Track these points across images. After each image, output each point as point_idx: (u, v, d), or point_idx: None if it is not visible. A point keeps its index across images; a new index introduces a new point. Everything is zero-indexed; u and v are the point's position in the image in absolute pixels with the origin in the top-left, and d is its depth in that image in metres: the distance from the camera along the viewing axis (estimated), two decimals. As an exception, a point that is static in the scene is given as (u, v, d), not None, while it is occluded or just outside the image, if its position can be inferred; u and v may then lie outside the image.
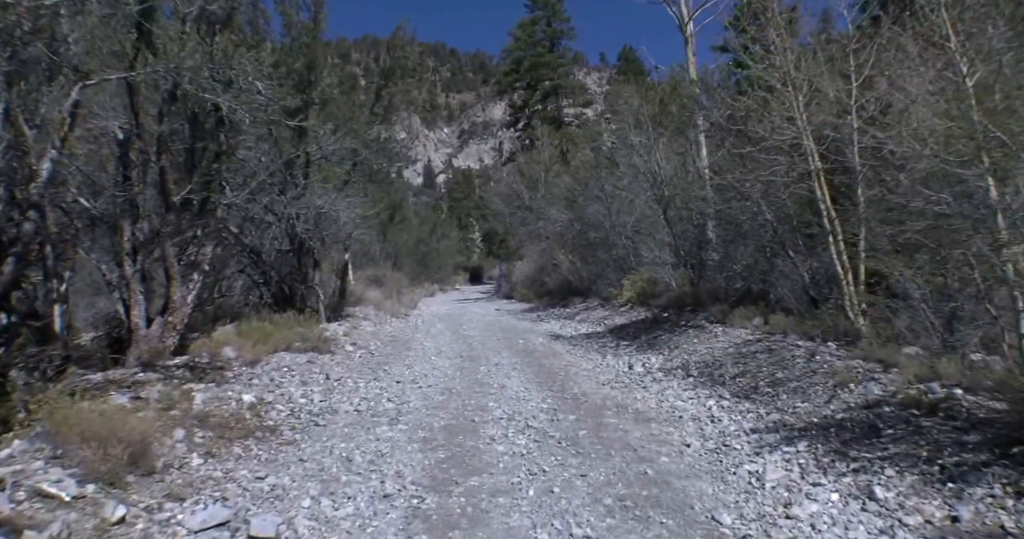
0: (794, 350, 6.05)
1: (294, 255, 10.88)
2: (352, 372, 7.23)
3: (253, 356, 6.98)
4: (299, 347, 7.99)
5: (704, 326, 8.19)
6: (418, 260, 35.43)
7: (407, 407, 5.58)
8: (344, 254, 12.54)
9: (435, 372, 7.23)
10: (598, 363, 7.84)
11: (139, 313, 6.71)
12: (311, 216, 9.87)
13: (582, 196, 15.62)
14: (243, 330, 8.01)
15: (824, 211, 6.84)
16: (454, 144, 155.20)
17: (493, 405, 5.56)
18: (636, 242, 13.34)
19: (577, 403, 5.63)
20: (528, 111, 41.89)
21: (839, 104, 6.85)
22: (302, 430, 4.85)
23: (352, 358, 8.18)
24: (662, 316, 9.81)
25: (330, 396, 5.98)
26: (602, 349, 8.88)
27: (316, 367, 7.24)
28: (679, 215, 11.72)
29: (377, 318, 13.58)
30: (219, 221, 7.33)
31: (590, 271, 17.01)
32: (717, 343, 7.30)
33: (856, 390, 4.78)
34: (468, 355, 8.41)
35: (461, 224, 69.60)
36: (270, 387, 6.07)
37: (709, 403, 5.54)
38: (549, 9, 41.73)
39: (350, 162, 9.97)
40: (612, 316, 11.65)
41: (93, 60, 5.43)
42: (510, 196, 29.77)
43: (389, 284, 23.17)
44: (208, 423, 4.66)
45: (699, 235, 11.19)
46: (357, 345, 9.13)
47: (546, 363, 7.68)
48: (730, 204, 7.84)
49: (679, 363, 7.23)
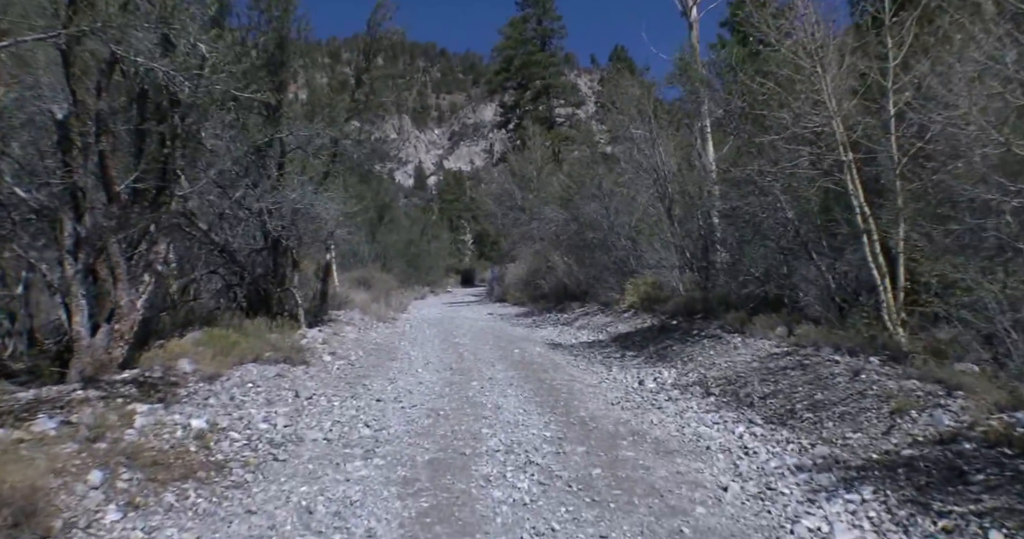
0: (832, 366, 5.27)
1: (269, 254, 10.02)
2: (327, 387, 6.38)
3: (214, 369, 6.13)
4: (270, 357, 7.15)
5: (720, 336, 7.41)
6: (408, 262, 34.61)
7: (386, 434, 4.76)
8: (326, 254, 11.68)
9: (421, 388, 6.40)
10: (604, 377, 7.04)
11: (82, 320, 5.85)
12: (287, 212, 9.02)
13: (578, 195, 14.83)
14: (204, 339, 7.16)
15: (857, 207, 6.09)
16: (445, 146, 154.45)
17: (487, 432, 4.74)
18: (638, 243, 12.57)
19: (586, 429, 4.82)
20: (519, 111, 41.34)
21: (874, 86, 6.11)
22: (256, 467, 4.01)
23: (329, 370, 7.34)
24: (670, 324, 9.03)
25: (297, 419, 5.14)
26: (606, 360, 8.08)
27: (286, 382, 6.40)
28: (685, 214, 10.97)
29: (362, 323, 12.73)
30: (175, 215, 6.47)
31: (587, 274, 16.23)
32: (738, 356, 6.52)
33: (920, 419, 4.00)
34: (459, 367, 7.58)
35: (452, 226, 68.98)
36: (228, 408, 5.22)
37: (738, 429, 4.76)
38: (540, 7, 41.22)
39: (329, 153, 9.13)
40: (614, 323, 10.86)
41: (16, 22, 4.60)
42: (502, 196, 29.03)
43: (377, 286, 22.33)
44: (140, 459, 3.82)
45: (707, 235, 10.45)
46: (336, 355, 8.28)
47: (546, 378, 6.87)
48: (747, 200, 7.07)
49: (695, 378, 6.44)
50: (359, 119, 9.38)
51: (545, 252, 21.72)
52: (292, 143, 8.71)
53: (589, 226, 14.91)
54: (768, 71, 6.39)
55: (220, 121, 8.04)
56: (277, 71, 8.07)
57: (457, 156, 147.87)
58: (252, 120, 8.01)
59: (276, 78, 8.04)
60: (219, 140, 8.05)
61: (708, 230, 10.49)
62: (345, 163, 9.89)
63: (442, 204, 79.46)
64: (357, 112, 9.47)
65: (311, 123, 8.07)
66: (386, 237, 31.75)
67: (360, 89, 9.29)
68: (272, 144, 8.49)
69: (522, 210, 26.22)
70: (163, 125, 6.09)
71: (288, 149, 8.91)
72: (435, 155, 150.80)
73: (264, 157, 8.35)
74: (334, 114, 8.67)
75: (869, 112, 6.18)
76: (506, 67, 41.54)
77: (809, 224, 7.16)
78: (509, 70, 41.30)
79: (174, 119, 6.18)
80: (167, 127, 6.20)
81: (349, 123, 9.17)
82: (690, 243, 10.51)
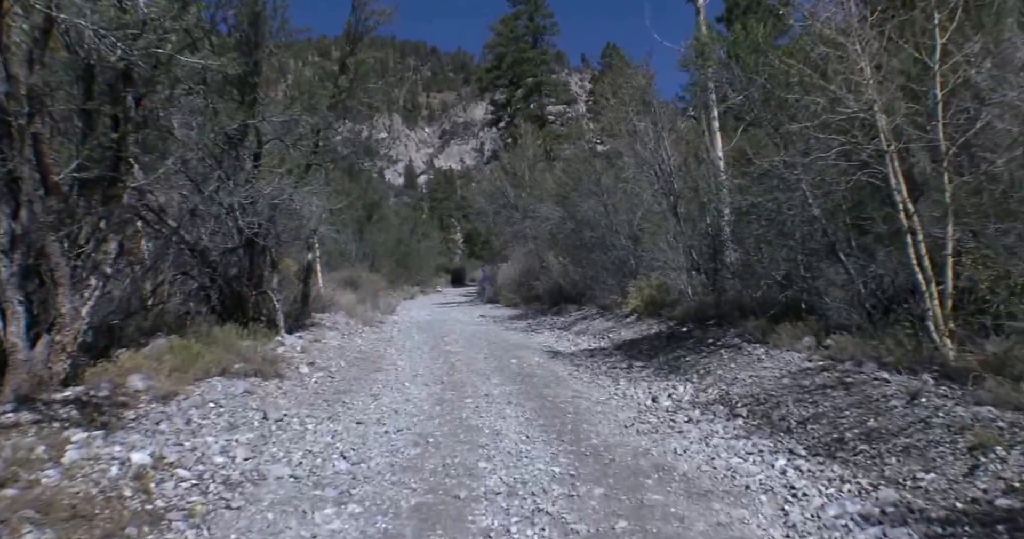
0: (882, 387, 4.58)
1: (245, 254, 9.23)
2: (302, 406, 5.63)
3: (171, 386, 5.36)
4: (239, 370, 6.38)
5: (740, 346, 6.72)
6: (397, 261, 33.85)
7: (366, 469, 4.02)
8: (308, 254, 10.90)
9: (408, 407, 5.66)
10: (612, 392, 6.33)
11: (18, 330, 5.08)
12: (262, 208, 8.25)
13: (575, 191, 14.12)
14: (167, 349, 6.39)
15: (900, 203, 5.41)
16: (435, 144, 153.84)
17: (485, 467, 4.02)
18: (639, 243, 11.88)
19: (601, 462, 4.11)
20: (510, 109, 40.92)
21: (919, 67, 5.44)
22: (204, 519, 3.26)
23: (306, 384, 6.58)
24: (680, 331, 8.34)
25: (262, 449, 4.39)
26: (612, 372, 7.37)
27: (255, 400, 5.64)
28: (692, 211, 10.30)
29: (347, 328, 11.96)
30: (128, 209, 5.69)
31: (584, 275, 15.54)
32: (764, 370, 5.83)
33: (1011, 459, 3.32)
34: (450, 380, 6.85)
35: (442, 224, 68.43)
36: (181, 435, 4.46)
37: (779, 462, 4.06)
38: (531, 4, 40.86)
39: (311, 143, 8.36)
40: (617, 328, 10.15)
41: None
42: (494, 194, 28.34)
43: (365, 287, 21.57)
44: (55, 511, 3.06)
45: (715, 235, 9.78)
46: (315, 365, 7.52)
47: (548, 393, 6.15)
48: (771, 195, 6.39)
49: (716, 395, 5.75)
50: (343, 108, 8.60)
51: (539, 252, 21.03)
52: (269, 133, 7.94)
53: (586, 224, 14.22)
54: (797, 50, 5.70)
55: (187, 106, 7.28)
56: (251, 51, 7.30)
57: (447, 155, 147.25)
58: (223, 106, 7.23)
59: (249, 59, 7.27)
60: (188, 128, 7.29)
61: (717, 229, 9.83)
62: (328, 156, 9.11)
63: (432, 203, 79.07)
64: (341, 101, 8.70)
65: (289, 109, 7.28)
66: (375, 236, 30.98)
67: (344, 75, 8.52)
68: (247, 133, 7.71)
69: (515, 208, 25.51)
70: (114, 106, 5.32)
71: (265, 139, 8.13)
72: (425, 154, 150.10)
73: (237, 148, 7.57)
74: (315, 101, 7.90)
75: (912, 97, 5.52)
76: (497, 65, 41.17)
77: (838, 222, 6.49)
78: (500, 68, 40.94)
79: (126, 99, 5.42)
80: (120, 109, 5.44)
81: (332, 111, 8.40)
82: (696, 242, 9.83)
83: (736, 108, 6.82)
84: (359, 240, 29.45)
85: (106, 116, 5.24)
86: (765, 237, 6.99)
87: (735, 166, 6.89)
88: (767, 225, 6.67)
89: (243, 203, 7.28)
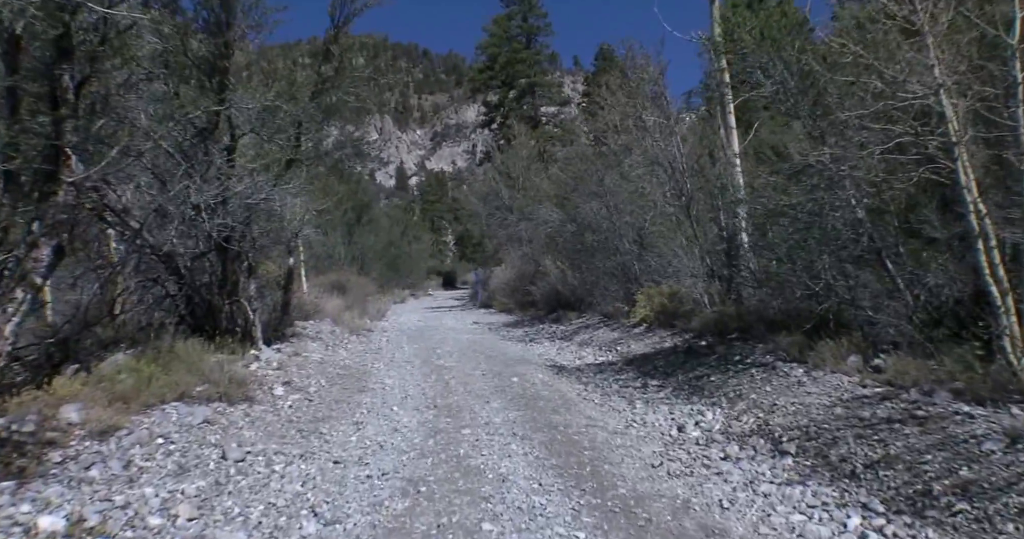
0: (967, 424, 3.81)
1: (218, 259, 8.37)
2: (270, 440, 4.79)
3: (113, 418, 4.51)
4: (202, 394, 5.54)
5: (773, 365, 5.94)
6: (388, 264, 33.01)
7: (341, 532, 3.20)
8: (289, 258, 10.05)
9: (396, 439, 4.83)
10: (629, 419, 5.53)
11: (-72, 352, 4.25)
12: (235, 208, 7.40)
13: (576, 192, 13.34)
14: (119, 369, 5.54)
15: (970, 203, 4.65)
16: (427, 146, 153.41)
17: (491, 529, 3.20)
18: (646, 247, 11.11)
19: (634, 523, 3.30)
20: (504, 110, 40.32)
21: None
22: (115, 622, 2.44)
23: (279, 409, 5.74)
24: (698, 345, 7.56)
25: (213, 504, 3.55)
26: (626, 392, 6.58)
27: (215, 432, 4.80)
28: (705, 214, 9.55)
29: (331, 337, 11.12)
30: (66, 209, 4.84)
31: (583, 281, 14.76)
32: (808, 396, 5.04)
33: None
34: (445, 404, 6.02)
35: (434, 227, 67.84)
36: (114, 485, 3.63)
37: (852, 521, 3.28)
38: (525, 4, 40.36)
39: (291, 137, 7.52)
40: (625, 340, 9.36)
41: None
42: (488, 195, 27.60)
43: (354, 291, 20.72)
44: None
45: (731, 238, 9.03)
46: (292, 385, 6.68)
47: (558, 421, 5.34)
48: (812, 194, 5.62)
49: (753, 425, 4.96)
50: (329, 101, 7.76)
51: (535, 255, 20.25)
52: (244, 125, 7.10)
53: (588, 227, 13.44)
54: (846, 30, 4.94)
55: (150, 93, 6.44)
56: (219, 31, 6.47)
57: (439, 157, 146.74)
58: (188, 93, 6.40)
59: (218, 39, 6.44)
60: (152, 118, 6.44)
61: (733, 232, 9.09)
62: (311, 152, 8.28)
63: (424, 205, 78.60)
64: (325, 91, 7.87)
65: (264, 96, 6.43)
66: (364, 238, 30.14)
67: (328, 62, 7.69)
68: (218, 124, 6.87)
69: (509, 210, 24.77)
70: (44, 85, 4.49)
71: (239, 132, 7.29)
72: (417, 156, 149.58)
73: (207, 141, 6.72)
74: (295, 90, 7.08)
75: (982, 80, 4.78)
76: (490, 65, 40.61)
77: (887, 226, 5.74)
78: (493, 68, 40.40)
79: (62, 78, 4.58)
80: (56, 89, 4.61)
81: (315, 102, 7.57)
82: (709, 246, 9.08)
83: (766, 98, 6.04)
84: (348, 242, 28.61)
85: (34, 96, 4.40)
86: (800, 241, 6.22)
87: (762, 163, 6.12)
88: (805, 228, 5.90)
89: (211, 203, 6.42)
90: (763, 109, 9.20)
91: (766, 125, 7.79)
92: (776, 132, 8.49)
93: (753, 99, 10.15)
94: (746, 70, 6.02)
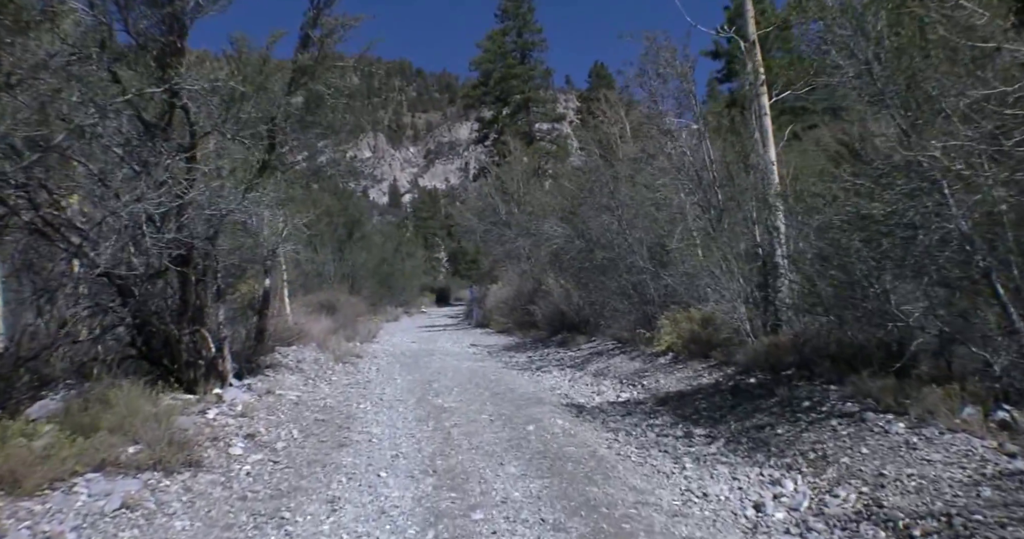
0: None
1: (179, 281, 7.12)
2: (209, 534, 3.52)
3: (-11, 508, 3.24)
4: (132, 459, 4.27)
5: (861, 416, 4.72)
6: (380, 281, 31.77)
7: None
8: (266, 280, 8.81)
9: (383, 531, 3.57)
10: (684, 488, 4.30)
11: None
12: (197, 220, 6.18)
13: (586, 204, 12.20)
14: (28, 428, 4.27)
15: None
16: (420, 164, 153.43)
17: None
18: (667, 264, 9.95)
19: None
20: (498, 125, 39.69)
21: None
22: None
23: (233, 479, 4.45)
24: (747, 383, 6.35)
25: None
26: (666, 442, 5.35)
27: (133, 525, 3.51)
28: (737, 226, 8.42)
29: (315, 367, 9.85)
30: None
31: (591, 301, 13.58)
32: (928, 466, 3.82)
33: None
34: (446, 466, 4.75)
35: (427, 243, 67.31)
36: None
37: None
38: (520, 19, 40.11)
39: (263, 134, 6.32)
40: (650, 372, 8.12)
41: None
42: (484, 211, 26.55)
43: (343, 311, 19.48)
44: None
45: (767, 255, 7.90)
46: (256, 439, 5.40)
47: (597, 496, 4.08)
48: (910, 202, 4.47)
49: (858, 504, 3.72)
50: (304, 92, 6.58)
51: (535, 273, 19.12)
52: (203, 121, 5.90)
53: (598, 244, 12.28)
54: None
55: (83, 78, 5.23)
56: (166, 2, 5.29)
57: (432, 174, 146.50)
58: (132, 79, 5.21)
59: (163, 9, 5.26)
60: (81, 107, 5.22)
61: (770, 248, 7.95)
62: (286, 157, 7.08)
63: (417, 222, 78.34)
64: (302, 84, 6.70)
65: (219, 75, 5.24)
66: (356, 255, 28.91)
67: (306, 50, 6.53)
68: (171, 118, 5.67)
69: (507, 226, 23.69)
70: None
71: (199, 129, 6.08)
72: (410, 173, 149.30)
73: (155, 138, 5.51)
74: (265, 79, 5.91)
75: None
76: (484, 81, 40.21)
77: (999, 241, 4.58)
78: (487, 84, 39.98)
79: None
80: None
81: (291, 95, 6.40)
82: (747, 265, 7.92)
83: (843, 85, 4.90)
84: (339, 259, 27.40)
85: None
86: (882, 261, 5.04)
87: (864, 163, 4.94)
88: (901, 243, 4.73)
89: (157, 213, 5.19)
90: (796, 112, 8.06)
91: (832, 119, 6.65)
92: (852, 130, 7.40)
93: (785, 100, 9.11)
94: (821, 48, 4.88)
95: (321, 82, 6.39)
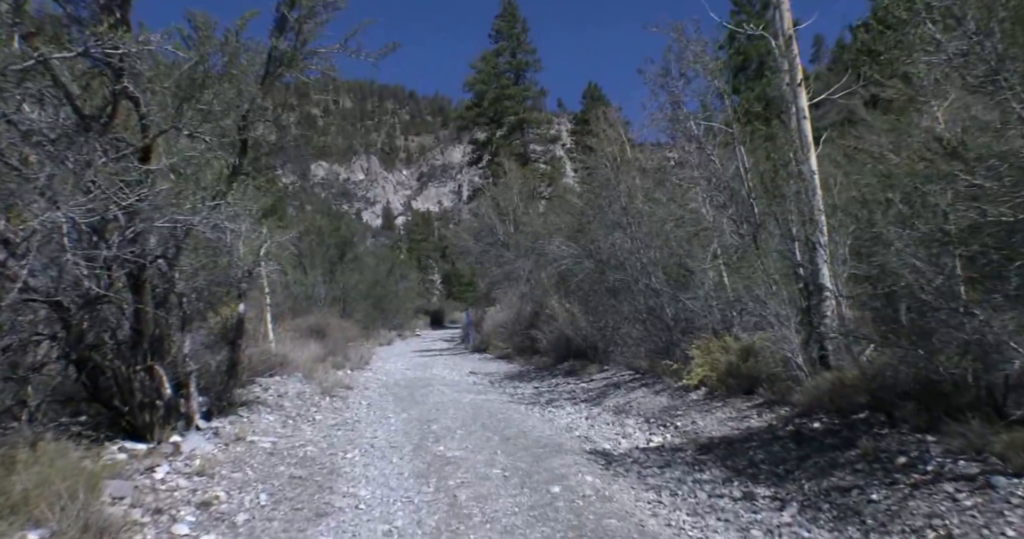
0: None
1: (134, 306, 6.03)
2: None
3: None
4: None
5: (987, 481, 3.67)
6: (373, 304, 30.64)
7: None
8: (240, 305, 7.73)
9: None
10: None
11: None
12: (149, 234, 5.14)
13: (595, 222, 11.24)
14: None
15: None
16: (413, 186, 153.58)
17: None
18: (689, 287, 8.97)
19: None
20: (492, 147, 39.16)
21: None
22: None
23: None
24: (811, 429, 5.29)
25: None
26: (723, 505, 4.28)
27: None
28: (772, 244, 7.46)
29: (297, 403, 8.74)
30: None
31: (597, 325, 12.56)
32: None
33: None
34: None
35: (420, 265, 66.70)
36: None
37: None
38: (513, 40, 39.87)
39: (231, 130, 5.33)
40: (683, 410, 7.05)
41: None
42: (481, 232, 25.70)
43: (333, 335, 18.36)
44: None
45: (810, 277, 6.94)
46: (211, 510, 4.28)
47: (662, 603, 3.01)
48: (1001, 209, 3.49)
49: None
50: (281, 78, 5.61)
51: (536, 296, 18.09)
52: (155, 115, 4.90)
53: (608, 264, 11.29)
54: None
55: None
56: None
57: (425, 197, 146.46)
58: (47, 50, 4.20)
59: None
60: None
61: (813, 267, 7.00)
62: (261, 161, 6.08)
63: (410, 244, 78.04)
64: (278, 75, 5.74)
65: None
66: (348, 277, 27.84)
67: (283, 33, 5.57)
68: (115, 110, 4.66)
69: (506, 247, 22.77)
70: None
71: (151, 123, 5.08)
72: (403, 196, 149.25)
73: (89, 131, 4.49)
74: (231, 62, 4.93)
75: None
76: (478, 102, 39.80)
77: None
78: (481, 105, 39.58)
79: None
80: None
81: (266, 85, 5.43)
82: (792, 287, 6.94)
83: (945, 64, 3.97)
84: (330, 281, 26.31)
85: None
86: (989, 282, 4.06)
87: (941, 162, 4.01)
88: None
89: (81, 223, 4.15)
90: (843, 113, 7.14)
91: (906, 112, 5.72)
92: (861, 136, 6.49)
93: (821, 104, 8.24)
94: (921, 19, 3.94)
95: (298, 69, 5.43)
